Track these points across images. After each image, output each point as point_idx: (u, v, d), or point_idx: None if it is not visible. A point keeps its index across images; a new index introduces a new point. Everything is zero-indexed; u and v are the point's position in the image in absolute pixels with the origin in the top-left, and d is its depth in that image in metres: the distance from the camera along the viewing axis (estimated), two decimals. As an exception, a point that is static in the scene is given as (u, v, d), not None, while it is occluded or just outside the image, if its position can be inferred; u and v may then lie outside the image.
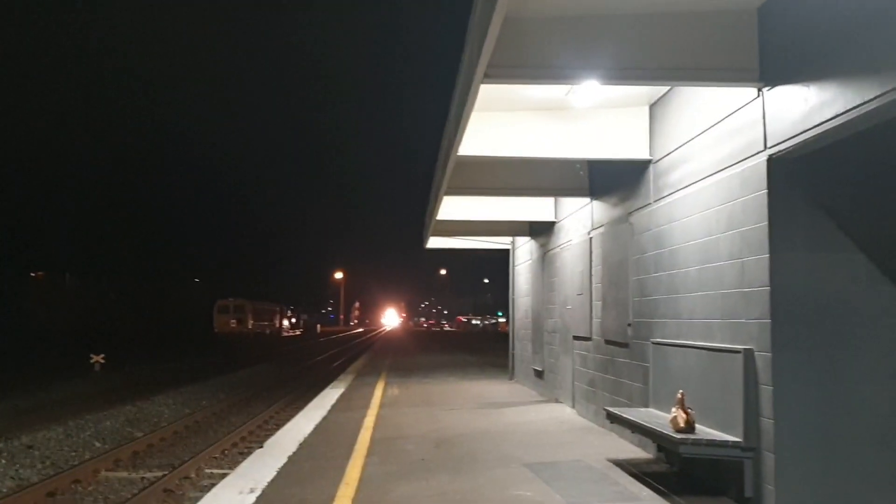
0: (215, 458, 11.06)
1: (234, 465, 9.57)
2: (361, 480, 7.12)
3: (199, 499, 6.98)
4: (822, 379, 5.65)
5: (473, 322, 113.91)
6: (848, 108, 4.74)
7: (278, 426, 12.87)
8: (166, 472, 9.66)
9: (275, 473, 7.47)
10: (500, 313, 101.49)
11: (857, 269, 5.75)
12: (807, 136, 5.30)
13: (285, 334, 78.83)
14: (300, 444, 9.15)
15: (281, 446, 9.00)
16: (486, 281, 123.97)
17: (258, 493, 6.70)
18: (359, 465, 7.80)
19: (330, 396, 14.89)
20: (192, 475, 9.75)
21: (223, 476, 8.18)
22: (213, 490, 6.96)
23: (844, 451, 5.63)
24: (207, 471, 10.07)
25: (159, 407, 17.18)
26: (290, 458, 8.28)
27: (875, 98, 4.45)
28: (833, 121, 4.94)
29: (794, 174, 5.78)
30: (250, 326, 62.56)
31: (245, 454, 10.81)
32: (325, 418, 11.56)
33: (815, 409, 5.63)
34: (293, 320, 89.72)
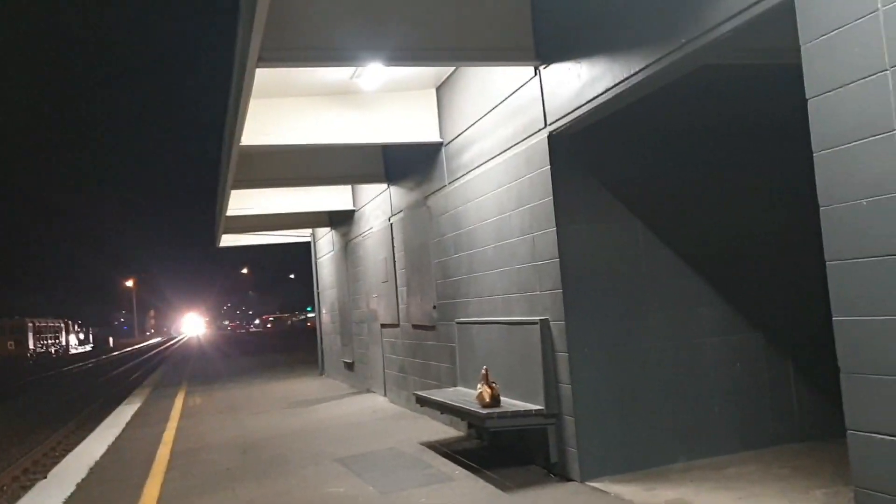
0: (-9, 497, 9.90)
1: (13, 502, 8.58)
2: (160, 499, 6.62)
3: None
4: (613, 341, 5.96)
5: (280, 320, 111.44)
6: (616, 81, 4.96)
7: (67, 452, 11.76)
8: (-72, 520, 8.50)
9: (61, 505, 6.77)
10: (309, 308, 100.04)
11: (635, 236, 6.11)
12: (581, 112, 5.51)
13: (74, 352, 72.79)
14: (91, 469, 8.38)
15: (68, 474, 8.19)
16: (292, 276, 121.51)
17: (41, 529, 6.03)
18: (157, 483, 7.25)
19: (125, 413, 13.85)
20: (-38, 520, 8.66)
21: (0, 516, 7.31)
22: (-14, 534, 6.17)
23: (638, 407, 5.99)
24: (-18, 513, 9.00)
25: (-78, 446, 15.17)
26: (78, 485, 7.53)
27: (640, 70, 4.67)
28: (604, 95, 5.16)
29: (574, 149, 6.02)
30: (31, 347, 57.11)
31: (28, 488, 9.75)
32: (119, 437, 10.71)
33: (609, 371, 5.93)
34: (81, 336, 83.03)
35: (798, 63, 3.43)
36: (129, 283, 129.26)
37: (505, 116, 6.82)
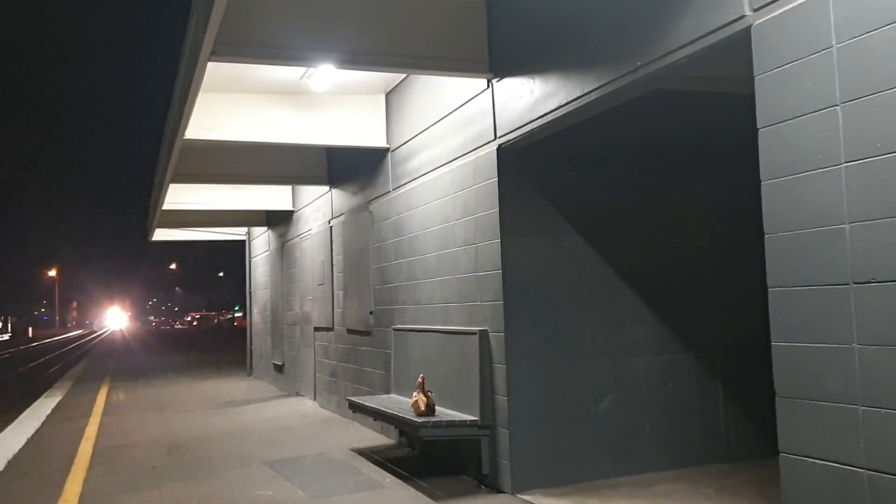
0: None
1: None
2: (83, 496, 6.38)
3: None
4: (550, 355, 6.01)
5: (207, 318, 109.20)
6: (569, 99, 5.03)
7: (-21, 446, 11.25)
8: None
9: (-28, 502, 6.46)
10: (237, 307, 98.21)
11: (577, 252, 6.18)
12: (532, 127, 5.56)
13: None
14: (9, 462, 8.05)
15: (-17, 468, 7.83)
16: (221, 274, 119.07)
17: (-51, 527, 5.74)
18: (80, 479, 6.99)
19: (45, 406, 13.35)
20: None
21: None
22: None
23: (571, 421, 6.05)
24: None
25: None
26: (-7, 481, 7.22)
27: (594, 90, 4.74)
28: (556, 112, 5.22)
29: (522, 163, 6.07)
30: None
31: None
32: (39, 431, 10.30)
33: (545, 384, 5.97)
34: (-1, 324, 79.69)
35: (747, 93, 3.53)
36: (52, 273, 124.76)
37: (454, 126, 6.83)
